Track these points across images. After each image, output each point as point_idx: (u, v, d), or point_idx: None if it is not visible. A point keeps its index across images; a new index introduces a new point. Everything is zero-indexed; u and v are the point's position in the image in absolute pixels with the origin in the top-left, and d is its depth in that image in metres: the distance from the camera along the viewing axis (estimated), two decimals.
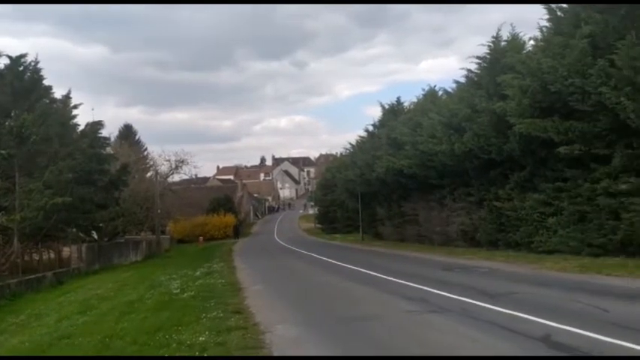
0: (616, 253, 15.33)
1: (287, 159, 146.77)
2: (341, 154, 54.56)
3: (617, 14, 15.33)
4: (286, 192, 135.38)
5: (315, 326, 9.13)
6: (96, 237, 34.84)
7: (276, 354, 7.25)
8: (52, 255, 27.03)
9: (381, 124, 36.19)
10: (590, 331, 7.06)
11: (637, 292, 10.26)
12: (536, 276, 13.62)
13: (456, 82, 25.45)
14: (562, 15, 17.72)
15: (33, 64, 28.08)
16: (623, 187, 14.83)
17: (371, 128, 38.53)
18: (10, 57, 27.23)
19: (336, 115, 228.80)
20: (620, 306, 8.89)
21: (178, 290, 14.82)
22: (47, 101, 28.24)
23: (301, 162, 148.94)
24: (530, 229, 19.01)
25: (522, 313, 8.60)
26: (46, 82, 28.79)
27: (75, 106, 30.20)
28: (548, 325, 7.64)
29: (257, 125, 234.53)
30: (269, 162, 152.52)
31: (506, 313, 8.76)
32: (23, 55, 27.78)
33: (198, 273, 19.52)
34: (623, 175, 15.03)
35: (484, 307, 9.50)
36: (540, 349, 6.56)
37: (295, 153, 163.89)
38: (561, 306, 9.27)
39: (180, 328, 9.19)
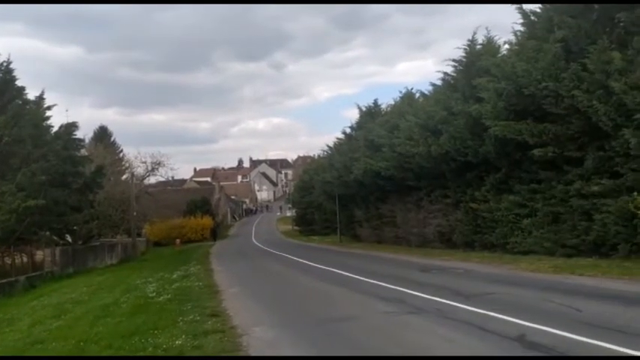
0: (589, 253, 15.62)
1: (265, 161, 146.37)
2: (319, 156, 54.61)
3: (589, 19, 15.67)
4: (264, 194, 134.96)
5: (293, 328, 9.13)
6: (70, 240, 34.30)
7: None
8: (25, 259, 26.55)
9: (358, 127, 36.31)
10: (564, 331, 7.18)
11: (609, 292, 10.46)
12: (511, 276, 13.79)
13: (433, 84, 25.73)
14: (535, 19, 18.03)
15: (5, 64, 27.56)
16: (595, 188, 15.13)
17: (348, 130, 38.68)
18: None
19: (314, 118, 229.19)
20: (593, 306, 9.06)
21: (154, 293, 14.66)
22: (20, 102, 27.66)
23: (279, 164, 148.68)
24: (506, 230, 19.27)
25: (497, 313, 8.71)
26: (19, 83, 28.24)
27: (49, 107, 29.63)
28: (523, 325, 7.75)
29: (235, 127, 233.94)
30: (247, 164, 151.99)
31: (481, 314, 8.86)
32: None
33: (175, 276, 19.34)
34: (595, 177, 15.33)
35: (460, 307, 9.60)
36: (516, 349, 6.65)
37: (273, 155, 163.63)
38: (536, 306, 9.41)
39: (156, 331, 9.09)
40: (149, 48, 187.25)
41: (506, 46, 20.33)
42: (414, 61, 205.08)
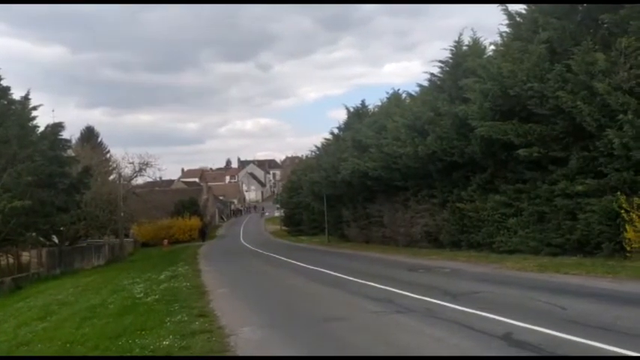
0: (573, 252, 15.82)
1: (253, 161, 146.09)
2: (307, 156, 54.68)
3: (573, 20, 15.87)
4: (252, 194, 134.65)
5: (281, 328, 9.13)
6: (57, 241, 34.01)
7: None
8: (11, 260, 26.32)
9: (346, 127, 36.44)
10: (550, 329, 7.27)
11: (593, 290, 10.60)
12: (497, 275, 13.92)
13: (420, 85, 25.90)
14: (521, 20, 18.22)
15: None
16: (580, 188, 15.32)
17: (336, 131, 38.83)
18: None
19: (301, 118, 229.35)
20: (578, 304, 9.17)
21: (142, 294, 14.59)
22: (5, 102, 27.36)
23: (267, 164, 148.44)
24: (492, 229, 19.43)
25: (484, 312, 8.80)
26: (3, 83, 27.93)
27: (34, 108, 29.31)
28: (509, 324, 7.83)
29: (222, 127, 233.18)
30: (235, 164, 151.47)
31: (468, 312, 8.93)
32: None
33: (162, 276, 19.25)
34: (580, 177, 15.53)
35: (447, 306, 9.67)
36: (502, 347, 6.72)
37: (261, 155, 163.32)
38: (522, 304, 9.52)
39: (143, 332, 9.05)
40: (134, 48, 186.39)
41: (492, 47, 20.58)
42: (400, 62, 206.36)
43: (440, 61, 22.93)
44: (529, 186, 17.69)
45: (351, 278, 15.11)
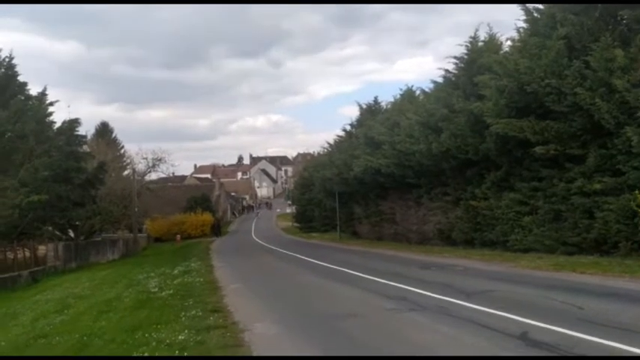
0: (590, 251, 15.62)
1: (264, 158, 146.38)
2: (319, 153, 54.72)
3: (591, 16, 15.64)
4: (264, 191, 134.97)
5: (294, 325, 9.15)
6: (72, 235, 34.39)
7: (255, 353, 7.25)
8: (28, 253, 26.63)
9: (358, 124, 36.34)
10: (567, 329, 7.20)
11: (611, 290, 10.48)
12: (511, 274, 13.81)
13: (434, 82, 25.66)
14: (538, 16, 17.98)
15: (7, 59, 27.54)
16: (597, 186, 15.12)
17: (349, 127, 38.75)
18: None
19: (312, 115, 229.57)
20: (595, 303, 9.07)
21: (156, 289, 14.71)
22: (22, 98, 27.68)
23: (279, 161, 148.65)
24: (506, 227, 19.27)
25: (499, 310, 8.74)
26: (20, 79, 28.27)
27: (51, 103, 29.69)
28: (525, 323, 7.77)
29: (233, 124, 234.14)
30: (246, 161, 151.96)
31: (483, 311, 8.88)
32: None
33: (176, 271, 19.39)
34: (597, 175, 15.32)
35: (462, 305, 9.62)
36: (519, 346, 6.67)
37: (272, 152, 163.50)
38: (537, 303, 9.43)
39: (159, 326, 9.14)
40: (146, 45, 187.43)
41: (509, 42, 20.31)
42: (413, 59, 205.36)
43: (455, 57, 22.74)
44: (545, 184, 17.50)
45: (363, 275, 15.10)
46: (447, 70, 23.69)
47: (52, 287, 20.49)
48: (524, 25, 18.65)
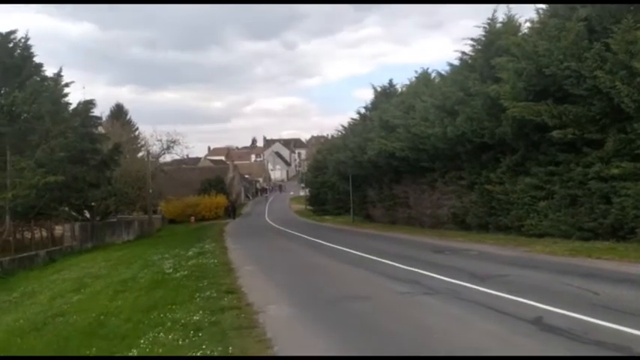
0: (606, 237, 15.47)
1: (278, 140, 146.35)
2: (332, 136, 54.61)
3: None
4: (277, 173, 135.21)
5: (307, 307, 9.19)
6: (88, 216, 34.82)
7: (269, 334, 7.30)
8: (45, 233, 27.03)
9: (373, 107, 36.12)
10: (582, 314, 7.15)
11: (626, 276, 10.38)
12: (526, 259, 13.74)
13: (450, 64, 25.33)
14: None
15: (23, 40, 27.65)
16: (615, 171, 14.91)
17: (363, 110, 38.52)
18: None
19: (326, 97, 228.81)
20: (610, 289, 8.99)
21: (171, 270, 14.86)
22: (38, 79, 27.84)
23: (292, 143, 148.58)
24: (521, 212, 19.13)
25: (513, 295, 8.70)
26: (36, 60, 28.41)
27: (66, 85, 29.81)
28: (539, 308, 7.73)
29: (247, 106, 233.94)
30: (260, 143, 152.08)
31: (497, 296, 8.85)
32: (13, 32, 27.34)
33: (190, 253, 19.56)
34: (615, 160, 15.10)
35: (475, 289, 9.59)
36: (533, 332, 6.64)
37: (286, 134, 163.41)
38: (552, 289, 9.37)
39: (174, 307, 9.23)
40: (160, 26, 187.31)
41: (528, 24, 19.97)
42: (428, 40, 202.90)
43: (472, 39, 22.40)
44: (562, 168, 17.29)
45: (376, 258, 15.11)
46: (463, 53, 23.39)
47: (69, 267, 20.81)
48: (543, 6, 18.33)
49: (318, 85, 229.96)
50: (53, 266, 22.30)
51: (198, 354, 6.30)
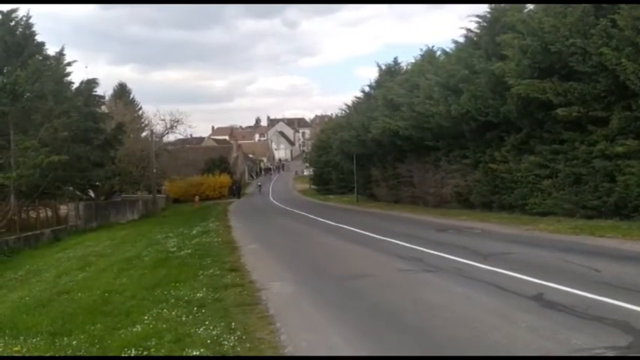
0: (610, 215, 15.43)
1: (282, 120, 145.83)
2: (336, 115, 54.29)
3: None
4: (281, 153, 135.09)
5: (310, 284, 9.26)
6: (93, 195, 34.96)
7: (271, 310, 7.37)
8: (50, 213, 27.20)
9: (377, 85, 35.84)
10: (583, 291, 7.17)
11: (629, 254, 10.39)
12: (529, 237, 13.76)
13: (455, 42, 25.01)
14: None
15: (25, 19, 27.44)
16: (620, 149, 14.80)
17: (367, 89, 38.23)
18: (0, 11, 26.59)
19: (329, 76, 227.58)
20: (613, 266, 9.01)
21: (175, 248, 14.96)
22: (40, 58, 27.65)
23: (296, 123, 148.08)
24: (525, 191, 19.08)
25: (515, 272, 8.73)
26: (38, 39, 28.23)
27: (69, 64, 29.58)
28: (540, 284, 7.76)
29: (250, 86, 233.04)
30: (264, 123, 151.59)
31: (499, 273, 8.89)
32: (14, 10, 27.09)
33: (194, 232, 19.68)
34: (620, 138, 14.97)
35: (478, 266, 9.63)
36: (533, 308, 6.67)
37: (290, 114, 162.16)
38: (554, 266, 9.40)
39: (177, 284, 9.32)
40: (161, 4, 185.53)
41: None
42: (430, 18, 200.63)
43: (477, 16, 22.11)
44: (566, 147, 17.17)
45: (379, 237, 15.15)
46: (468, 30, 23.08)
47: (74, 245, 20.96)
48: None
49: (321, 64, 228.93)
50: (58, 245, 22.48)
51: (201, 330, 6.35)
